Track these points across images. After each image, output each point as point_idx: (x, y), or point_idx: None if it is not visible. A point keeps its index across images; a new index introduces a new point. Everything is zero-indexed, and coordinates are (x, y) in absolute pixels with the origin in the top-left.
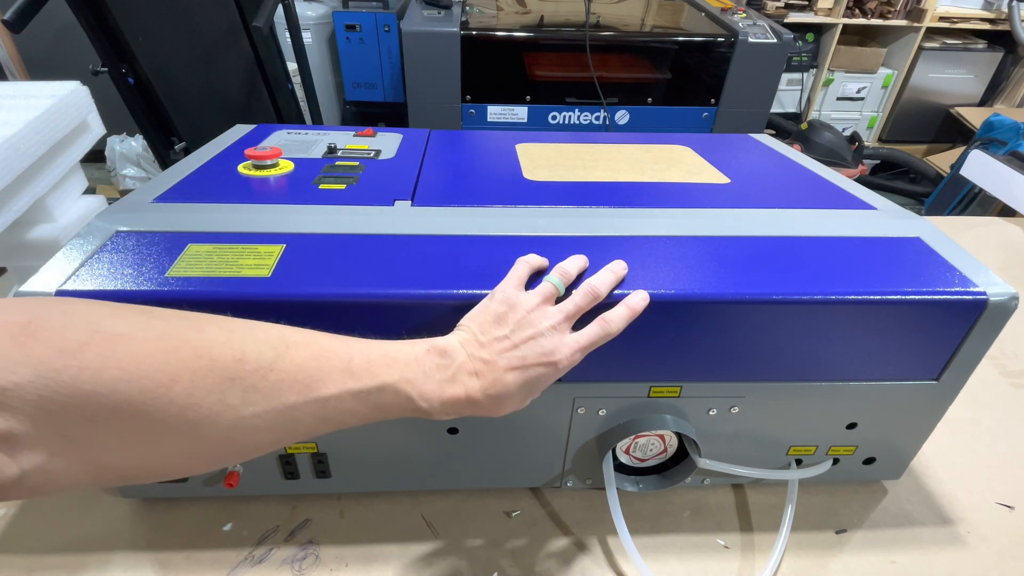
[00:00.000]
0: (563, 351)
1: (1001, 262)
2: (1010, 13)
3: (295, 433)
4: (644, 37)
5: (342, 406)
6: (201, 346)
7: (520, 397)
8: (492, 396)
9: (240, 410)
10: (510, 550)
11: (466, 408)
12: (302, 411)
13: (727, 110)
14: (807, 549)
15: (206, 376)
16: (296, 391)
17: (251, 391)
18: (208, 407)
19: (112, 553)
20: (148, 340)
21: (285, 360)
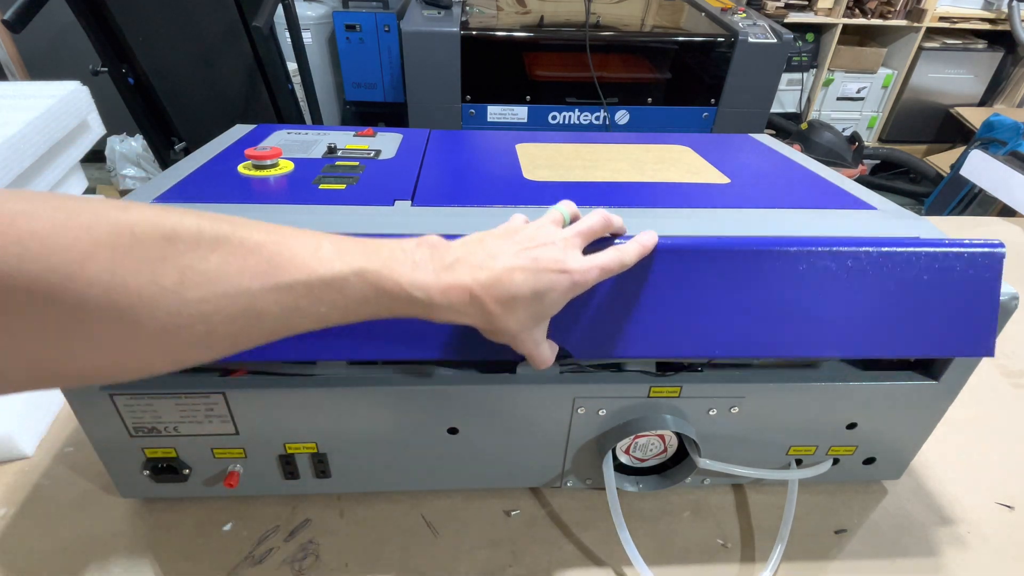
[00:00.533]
0: (577, 262)
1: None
2: (1010, 13)
3: (263, 327)
4: (644, 37)
5: (314, 295)
6: (121, 223)
7: (530, 306)
8: (497, 297)
9: (181, 294)
10: (510, 550)
11: (469, 307)
12: (263, 300)
13: (727, 110)
14: (807, 549)
15: (129, 254)
16: (250, 275)
17: (190, 272)
18: (138, 289)
19: (112, 553)
20: (54, 218)
21: (231, 242)
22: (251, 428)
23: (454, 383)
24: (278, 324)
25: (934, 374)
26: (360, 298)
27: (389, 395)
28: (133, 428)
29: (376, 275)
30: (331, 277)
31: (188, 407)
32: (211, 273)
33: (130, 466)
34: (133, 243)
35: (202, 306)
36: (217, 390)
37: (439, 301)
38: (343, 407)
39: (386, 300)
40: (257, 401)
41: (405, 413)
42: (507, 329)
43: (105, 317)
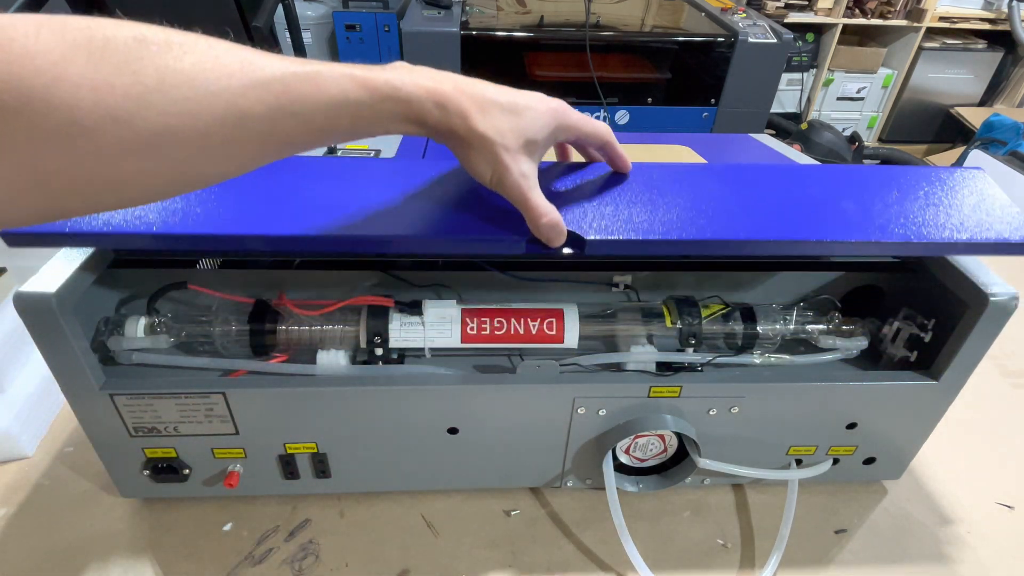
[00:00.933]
0: (557, 101)
1: (1001, 262)
2: (1010, 13)
3: (254, 131)
4: (644, 37)
5: (293, 93)
6: (91, 27)
7: (507, 115)
8: (472, 95)
9: (165, 92)
10: (510, 550)
11: (447, 103)
12: (245, 98)
13: (727, 110)
14: (807, 549)
15: (104, 56)
16: (227, 74)
17: (168, 72)
18: (124, 89)
19: (112, 553)
20: (25, 28)
21: (201, 45)
22: (251, 428)
23: (454, 383)
24: (267, 127)
25: (934, 374)
26: (340, 96)
27: (389, 395)
28: (133, 428)
29: (350, 73)
30: (305, 72)
31: (188, 407)
32: (189, 72)
33: (130, 466)
34: (106, 45)
35: (188, 104)
36: (217, 390)
37: (418, 95)
38: (343, 407)
39: (366, 98)
40: (257, 401)
41: (405, 413)
42: (484, 135)
43: (100, 120)
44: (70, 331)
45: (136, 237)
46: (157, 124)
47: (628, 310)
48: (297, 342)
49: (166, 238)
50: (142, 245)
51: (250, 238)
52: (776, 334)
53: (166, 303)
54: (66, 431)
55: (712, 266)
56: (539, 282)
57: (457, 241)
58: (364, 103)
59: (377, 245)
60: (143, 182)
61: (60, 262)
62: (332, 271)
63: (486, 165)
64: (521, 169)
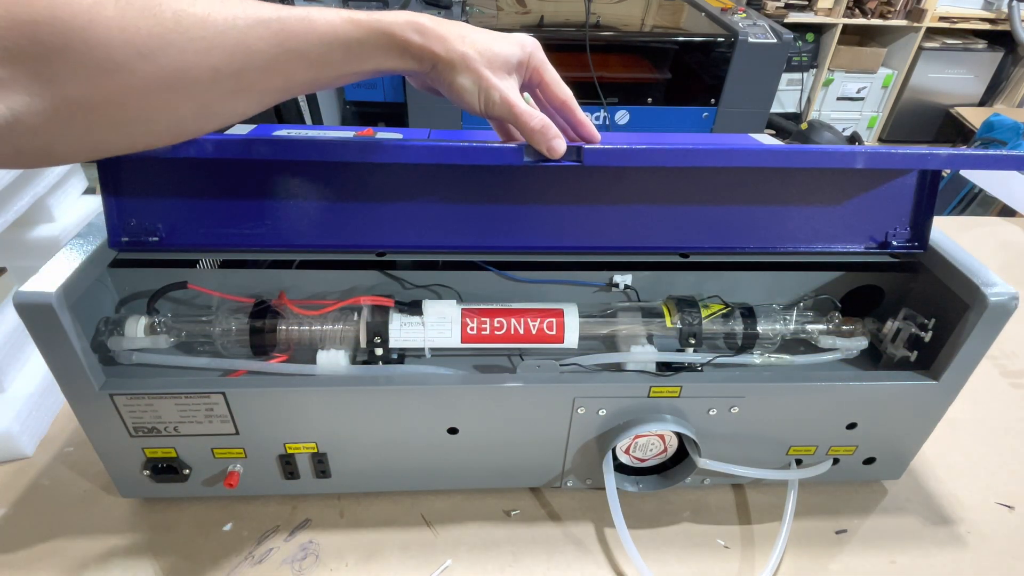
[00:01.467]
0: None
1: (1001, 262)
2: (1010, 13)
3: (259, 66)
4: (644, 37)
5: (290, 28)
6: None
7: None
8: (447, 24)
9: (182, 32)
10: (510, 550)
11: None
12: (251, 34)
13: (727, 110)
14: (807, 549)
15: (132, 1)
16: (234, 14)
17: (184, 15)
18: (147, 30)
19: (112, 553)
20: None
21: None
22: (251, 428)
23: (454, 383)
24: (270, 62)
25: (934, 374)
26: (330, 32)
27: (389, 395)
28: (133, 428)
29: (336, 12)
30: (298, 13)
31: (188, 407)
32: (200, 14)
33: (130, 466)
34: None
35: (202, 42)
36: (217, 390)
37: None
38: (343, 407)
39: (356, 34)
40: (257, 401)
41: (405, 413)
42: (465, 53)
43: (129, 57)
44: (70, 331)
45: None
46: (178, 60)
47: (628, 310)
48: (297, 342)
49: None
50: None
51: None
52: (776, 334)
53: (166, 303)
54: (66, 431)
55: (712, 266)
56: (539, 282)
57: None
58: (352, 37)
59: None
60: (169, 116)
61: (60, 262)
62: (332, 271)
63: (471, 83)
64: (503, 82)
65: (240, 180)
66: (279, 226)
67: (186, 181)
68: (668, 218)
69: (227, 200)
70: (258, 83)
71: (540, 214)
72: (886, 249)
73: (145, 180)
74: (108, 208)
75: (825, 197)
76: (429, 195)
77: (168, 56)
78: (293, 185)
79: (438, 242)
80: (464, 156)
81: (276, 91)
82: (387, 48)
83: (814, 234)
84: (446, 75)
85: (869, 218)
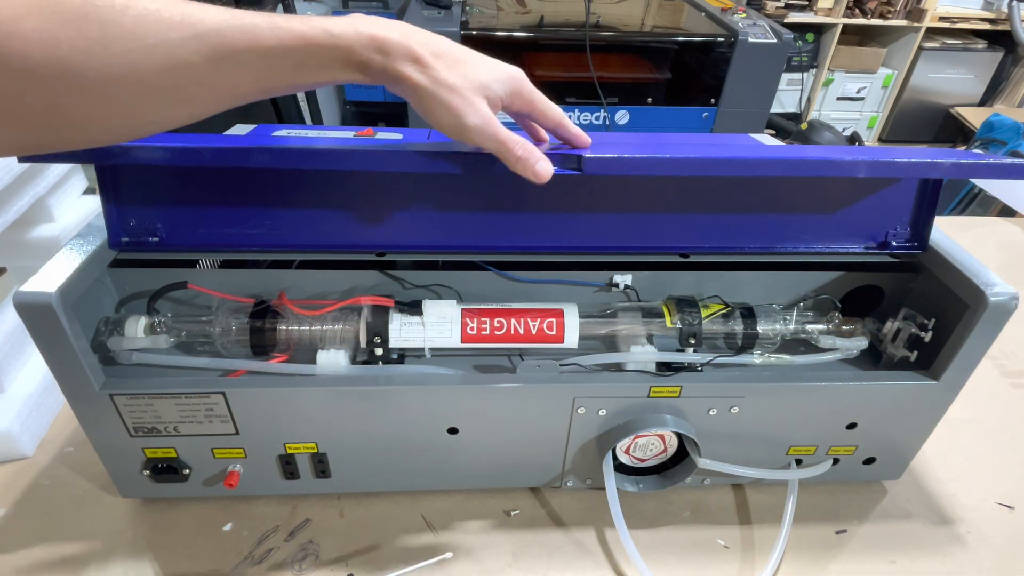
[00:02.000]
0: (515, 68)
1: (1001, 262)
2: (1010, 13)
3: (194, 79)
4: (644, 37)
5: (231, 42)
6: None
7: (462, 62)
8: (423, 42)
9: (107, 46)
10: (510, 550)
11: (389, 43)
12: (184, 49)
13: (727, 110)
14: (807, 549)
15: (56, 12)
16: (167, 27)
17: (111, 26)
18: (69, 42)
19: (112, 553)
20: None
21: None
22: (251, 428)
23: (454, 383)
24: (207, 76)
25: (934, 374)
26: (277, 46)
27: (389, 395)
28: (133, 428)
29: (287, 25)
30: (243, 24)
31: (188, 407)
32: (129, 26)
33: (130, 466)
34: (56, 3)
35: (128, 56)
36: (217, 390)
37: (359, 41)
38: (343, 407)
39: (304, 47)
40: (257, 401)
41: (405, 413)
42: (439, 79)
43: (51, 70)
44: (70, 331)
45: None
46: (102, 74)
47: (628, 310)
48: (297, 342)
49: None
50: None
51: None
52: (776, 334)
53: (166, 303)
54: (66, 431)
55: (712, 266)
56: (539, 282)
57: (456, 160)
58: (302, 51)
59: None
60: (100, 124)
61: (60, 262)
62: (332, 271)
63: (443, 108)
64: (482, 112)
65: (240, 180)
66: (279, 226)
67: (186, 181)
68: (668, 218)
69: (227, 200)
70: (196, 95)
71: (540, 215)
72: (886, 249)
73: (145, 180)
74: (108, 208)
75: (825, 198)
76: (429, 196)
77: (92, 70)
78: (293, 185)
79: (438, 242)
80: (462, 165)
81: (220, 100)
82: (344, 64)
83: (814, 234)
84: (414, 97)
85: (869, 218)
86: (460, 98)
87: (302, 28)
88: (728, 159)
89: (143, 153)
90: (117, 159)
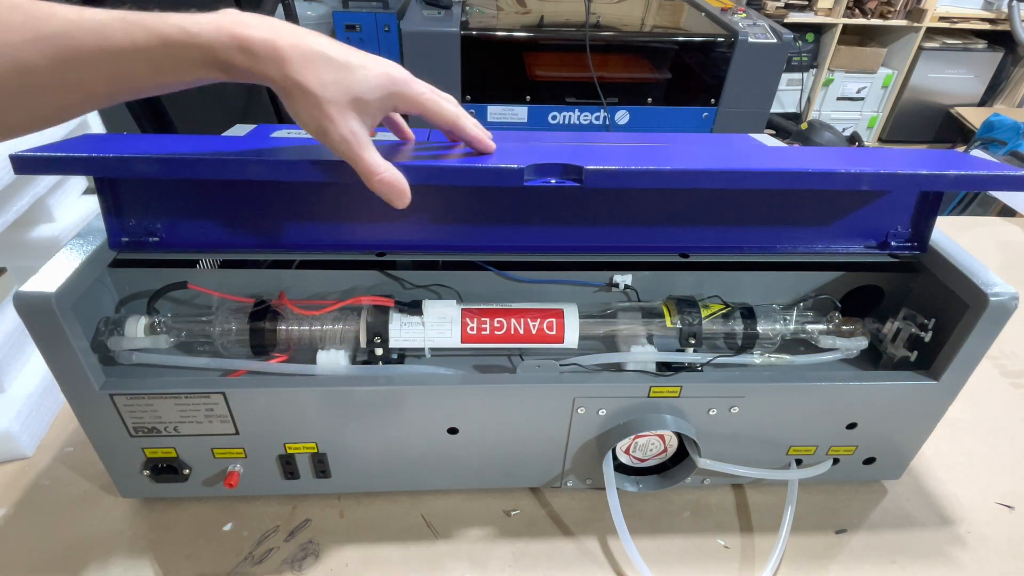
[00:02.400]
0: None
1: (1001, 262)
2: (1010, 13)
3: (40, 83)
4: (644, 37)
5: (79, 43)
6: None
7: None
8: (294, 44)
9: None
10: (510, 550)
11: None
12: (27, 52)
13: (727, 110)
14: (807, 549)
15: None
16: (8, 30)
17: None
18: None
19: (112, 553)
20: None
21: None
22: (251, 428)
23: (454, 383)
24: (55, 79)
25: (934, 374)
26: (128, 46)
27: (389, 395)
28: (133, 428)
29: (141, 21)
30: (92, 24)
31: (188, 407)
32: None
33: (130, 466)
34: None
35: None
36: (217, 390)
37: (220, 40)
38: (343, 407)
39: (157, 44)
40: (257, 401)
41: (405, 413)
42: (303, 84)
43: None
44: (70, 331)
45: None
46: None
47: (628, 310)
48: (297, 342)
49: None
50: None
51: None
52: (776, 334)
53: (166, 303)
54: (66, 431)
55: (712, 266)
56: (539, 282)
57: (455, 172)
58: (156, 51)
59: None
60: None
61: (60, 262)
62: (332, 271)
63: (307, 115)
64: (349, 126)
65: (240, 181)
66: (279, 226)
67: (186, 182)
68: (668, 219)
69: (227, 200)
70: (48, 99)
71: (541, 218)
72: (886, 249)
73: (144, 181)
74: (107, 208)
75: (825, 198)
76: (429, 196)
77: None
78: (293, 185)
79: (438, 242)
80: (463, 178)
81: (73, 105)
82: (205, 64)
83: (814, 234)
84: (283, 97)
85: (869, 218)
86: (325, 110)
87: (158, 26)
88: (729, 171)
89: (138, 167)
90: (113, 172)
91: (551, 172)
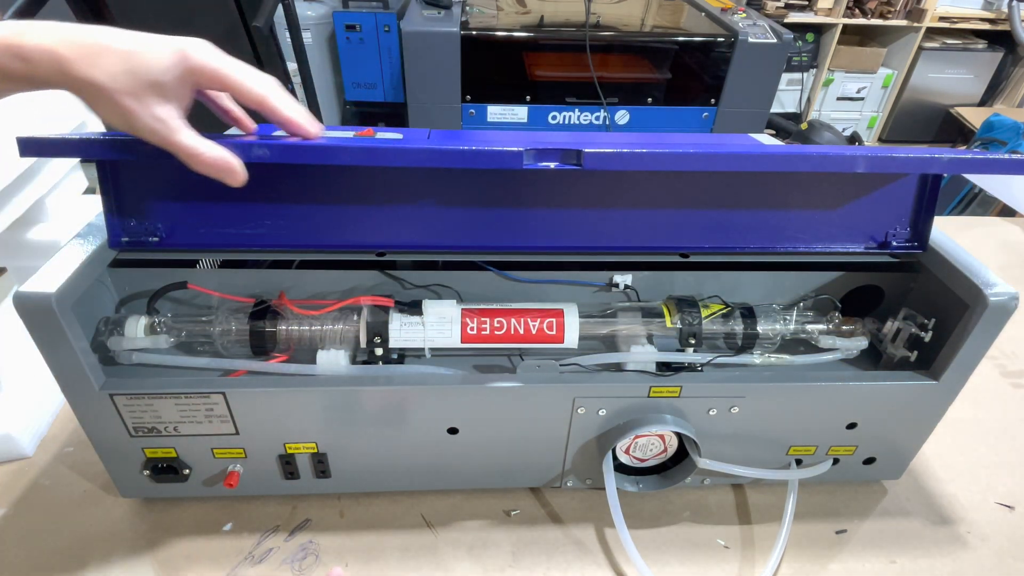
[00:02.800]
0: (191, 41)
1: (1001, 262)
2: (1010, 13)
3: None
4: (644, 37)
5: None
6: None
7: (121, 58)
8: (76, 41)
9: None
10: (510, 550)
11: (24, 48)
12: None
13: (727, 110)
14: (807, 549)
15: None
16: None
17: None
18: None
19: (112, 553)
20: None
21: None
22: (251, 428)
23: (454, 383)
24: None
25: (934, 374)
26: None
27: (389, 395)
28: (133, 428)
29: None
30: None
31: (188, 407)
32: None
33: (130, 466)
34: None
35: None
36: (217, 390)
37: (27, 31)
38: (343, 407)
39: None
40: (257, 401)
41: (405, 413)
42: (92, 80)
43: None
44: (70, 331)
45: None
46: None
47: (628, 310)
48: (297, 342)
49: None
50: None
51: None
52: (776, 334)
53: (166, 303)
54: (66, 431)
55: (712, 266)
56: (539, 282)
57: (454, 155)
58: None
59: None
60: None
61: (60, 262)
62: (332, 271)
63: (108, 112)
64: (152, 112)
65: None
66: (279, 226)
67: (186, 181)
68: (668, 218)
69: (227, 200)
70: None
71: (540, 214)
72: (886, 249)
73: (145, 180)
74: (108, 208)
75: (825, 197)
76: (429, 195)
77: None
78: (293, 185)
79: (438, 242)
80: (462, 160)
81: None
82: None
83: (814, 234)
84: (85, 103)
85: (869, 218)
86: (122, 102)
87: None
88: (727, 154)
89: (142, 148)
90: (117, 155)
91: (551, 156)
